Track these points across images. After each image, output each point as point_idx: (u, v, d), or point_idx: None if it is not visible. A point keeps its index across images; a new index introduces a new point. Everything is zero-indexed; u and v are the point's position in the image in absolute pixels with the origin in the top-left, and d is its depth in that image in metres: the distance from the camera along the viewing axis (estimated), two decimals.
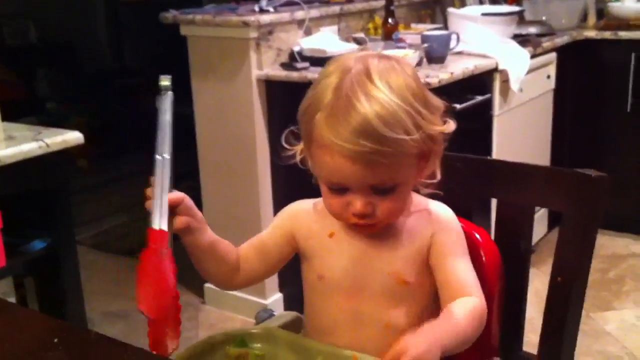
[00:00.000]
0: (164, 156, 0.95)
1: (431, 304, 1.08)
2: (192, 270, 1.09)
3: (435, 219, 1.08)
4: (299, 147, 1.06)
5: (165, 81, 0.99)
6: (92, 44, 5.54)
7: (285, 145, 1.06)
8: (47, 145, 1.77)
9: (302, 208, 1.14)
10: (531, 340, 1.27)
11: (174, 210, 0.96)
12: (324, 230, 1.09)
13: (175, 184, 0.96)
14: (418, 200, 1.10)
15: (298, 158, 1.06)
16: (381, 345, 0.99)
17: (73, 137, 1.83)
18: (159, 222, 0.91)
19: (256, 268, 1.13)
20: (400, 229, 1.07)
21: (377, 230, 1.04)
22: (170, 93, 0.99)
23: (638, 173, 3.28)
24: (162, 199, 0.93)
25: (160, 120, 0.97)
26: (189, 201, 1.00)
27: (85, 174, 4.65)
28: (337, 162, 0.95)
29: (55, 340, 0.81)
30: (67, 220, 1.91)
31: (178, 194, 0.97)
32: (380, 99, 0.94)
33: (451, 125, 1.02)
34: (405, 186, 1.01)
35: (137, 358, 0.75)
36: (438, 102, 1.02)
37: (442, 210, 1.10)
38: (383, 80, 0.95)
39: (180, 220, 0.98)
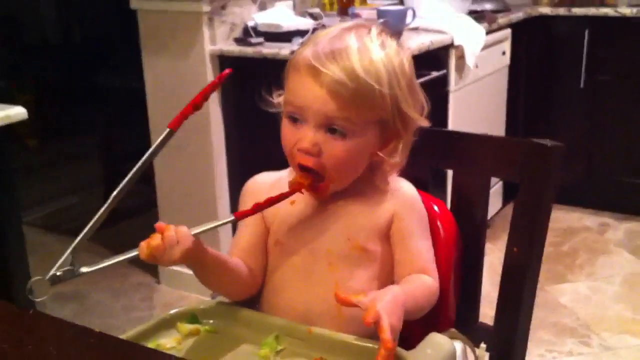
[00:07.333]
0: None
1: (384, 272, 1.08)
2: None
3: (398, 195, 1.09)
4: (277, 94, 1.08)
5: None
6: (36, 18, 5.35)
7: (265, 95, 1.09)
8: None
9: (263, 182, 1.14)
10: (487, 313, 1.26)
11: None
12: (287, 199, 1.07)
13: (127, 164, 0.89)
14: (382, 174, 1.10)
15: (276, 100, 1.08)
16: (331, 303, 1.00)
17: (16, 112, 1.75)
18: None
19: (261, 266, 1.11)
20: (361, 199, 1.08)
21: (325, 190, 1.04)
22: None
23: (591, 148, 3.33)
24: None
25: None
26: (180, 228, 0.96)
27: (35, 154, 4.52)
28: (305, 81, 0.99)
29: None
30: (13, 201, 1.83)
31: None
32: (371, 51, 0.99)
33: (425, 122, 1.06)
34: (357, 141, 1.01)
35: (72, 333, 0.72)
36: (422, 98, 1.05)
37: (406, 187, 1.11)
38: (380, 42, 1.00)
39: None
